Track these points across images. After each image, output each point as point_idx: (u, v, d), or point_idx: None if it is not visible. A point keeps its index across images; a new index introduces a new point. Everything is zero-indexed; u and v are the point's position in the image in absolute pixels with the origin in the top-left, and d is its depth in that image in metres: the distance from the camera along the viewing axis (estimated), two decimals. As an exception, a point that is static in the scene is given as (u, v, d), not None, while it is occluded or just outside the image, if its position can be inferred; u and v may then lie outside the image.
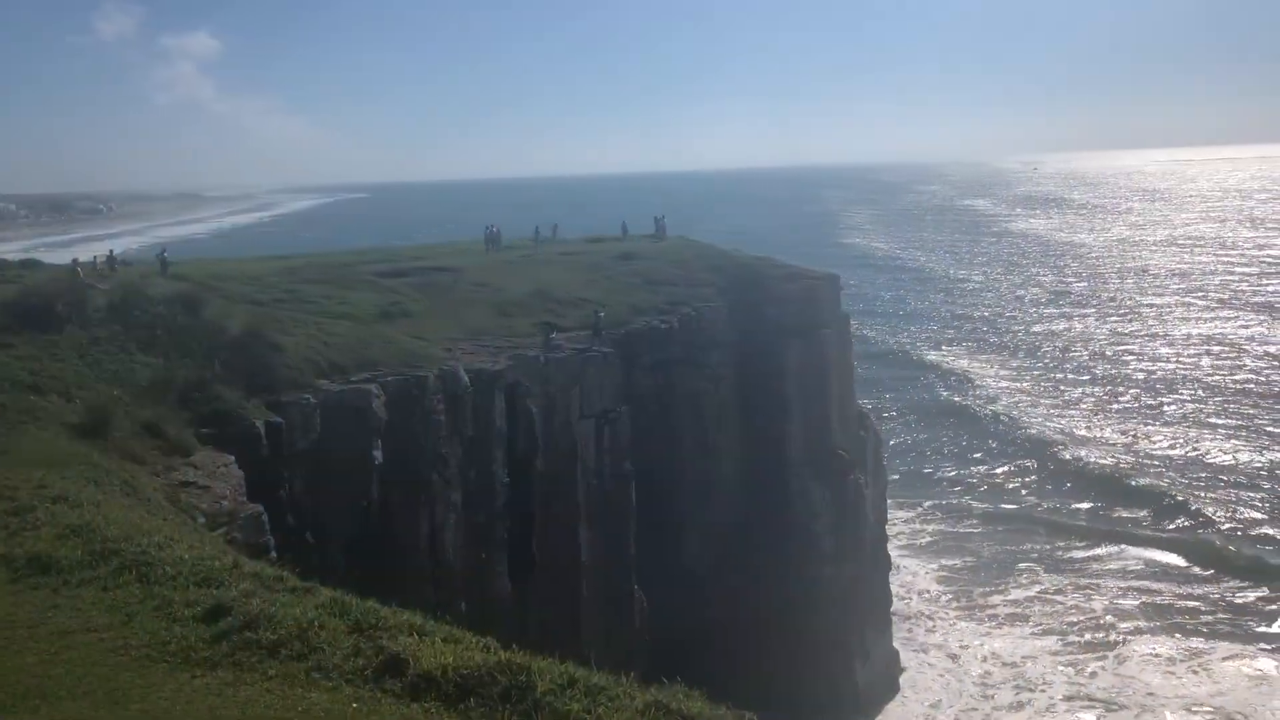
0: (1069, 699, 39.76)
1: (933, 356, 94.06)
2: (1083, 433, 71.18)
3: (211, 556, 13.19)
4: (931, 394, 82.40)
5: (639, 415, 35.85)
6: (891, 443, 67.70)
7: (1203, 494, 58.35)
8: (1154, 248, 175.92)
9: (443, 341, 31.66)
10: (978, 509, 59.59)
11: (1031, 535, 55.34)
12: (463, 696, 9.18)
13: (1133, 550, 52.70)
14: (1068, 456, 66.37)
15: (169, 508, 18.33)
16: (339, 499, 26.55)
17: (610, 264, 43.00)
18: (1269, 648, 42.50)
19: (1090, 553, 52.81)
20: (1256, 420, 70.70)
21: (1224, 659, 41.84)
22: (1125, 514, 56.98)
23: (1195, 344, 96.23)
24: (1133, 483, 60.83)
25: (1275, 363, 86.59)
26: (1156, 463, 64.03)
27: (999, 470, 65.36)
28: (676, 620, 36.84)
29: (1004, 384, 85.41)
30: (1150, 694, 39.68)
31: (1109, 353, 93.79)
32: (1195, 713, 38.31)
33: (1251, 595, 47.07)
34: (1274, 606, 45.87)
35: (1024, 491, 61.95)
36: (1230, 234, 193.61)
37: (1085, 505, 58.86)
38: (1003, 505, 59.93)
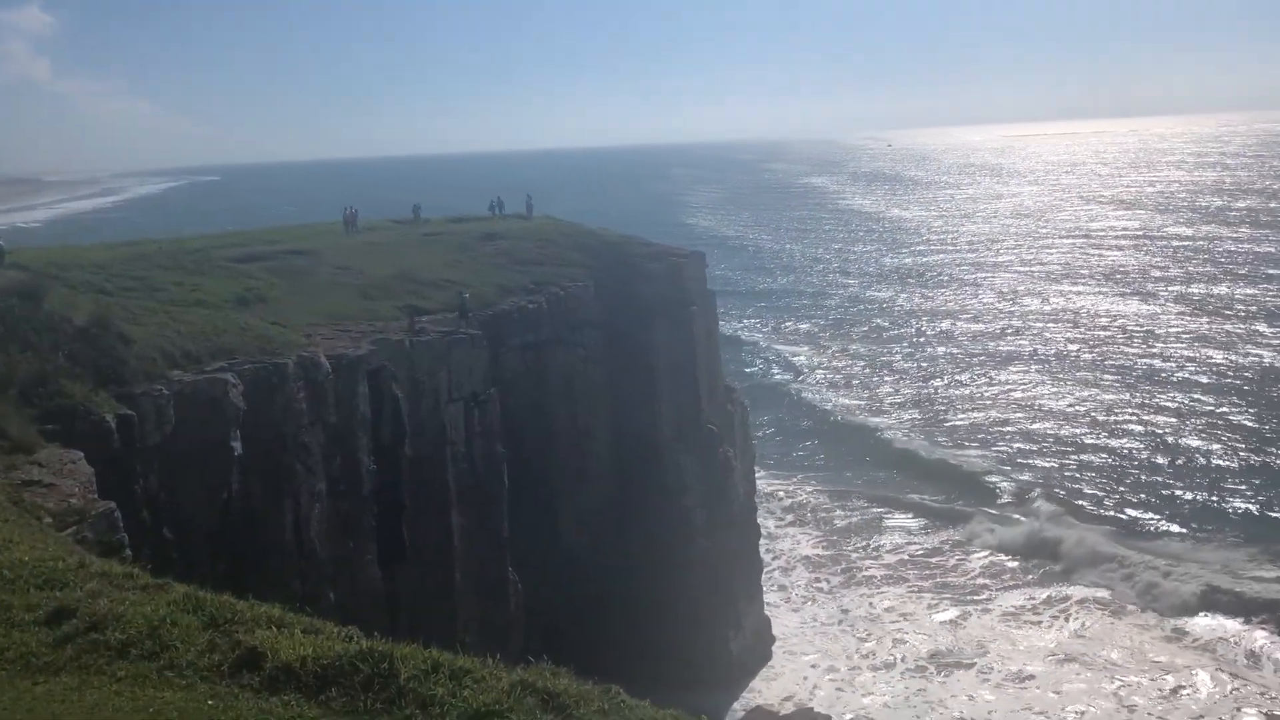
0: (934, 655, 41.26)
1: (761, 337, 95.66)
2: (912, 408, 73.88)
3: (55, 557, 12.59)
4: (765, 373, 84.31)
5: (509, 397, 35.64)
6: (765, 417, 69.35)
7: (1049, 462, 61.19)
8: (979, 220, 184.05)
9: (302, 327, 30.82)
10: (853, 479, 61.35)
11: (902, 505, 57.14)
12: (323, 687, 9.00)
13: (989, 516, 54.77)
14: (909, 429, 68.88)
15: (10, 509, 17.41)
16: (197, 492, 25.66)
17: (475, 244, 42.54)
18: (1105, 597, 44.94)
19: (956, 520, 54.74)
20: (1093, 388, 74.36)
21: (1069, 611, 44.07)
22: (984, 482, 59.27)
23: (1025, 314, 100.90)
24: (984, 451, 63.58)
25: (1105, 331, 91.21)
26: (997, 431, 67.01)
27: (855, 445, 67.33)
28: (553, 600, 36.91)
29: (842, 361, 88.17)
30: (1011, 644, 41.69)
31: (948, 328, 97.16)
32: (1047, 659, 40.39)
33: (1106, 549, 49.51)
34: (1113, 565, 48.19)
35: (894, 461, 63.99)
36: (1051, 205, 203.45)
37: (946, 475, 61.08)
38: (877, 474, 61.76)
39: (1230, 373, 73.98)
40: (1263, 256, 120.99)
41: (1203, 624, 42.19)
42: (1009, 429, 66.51)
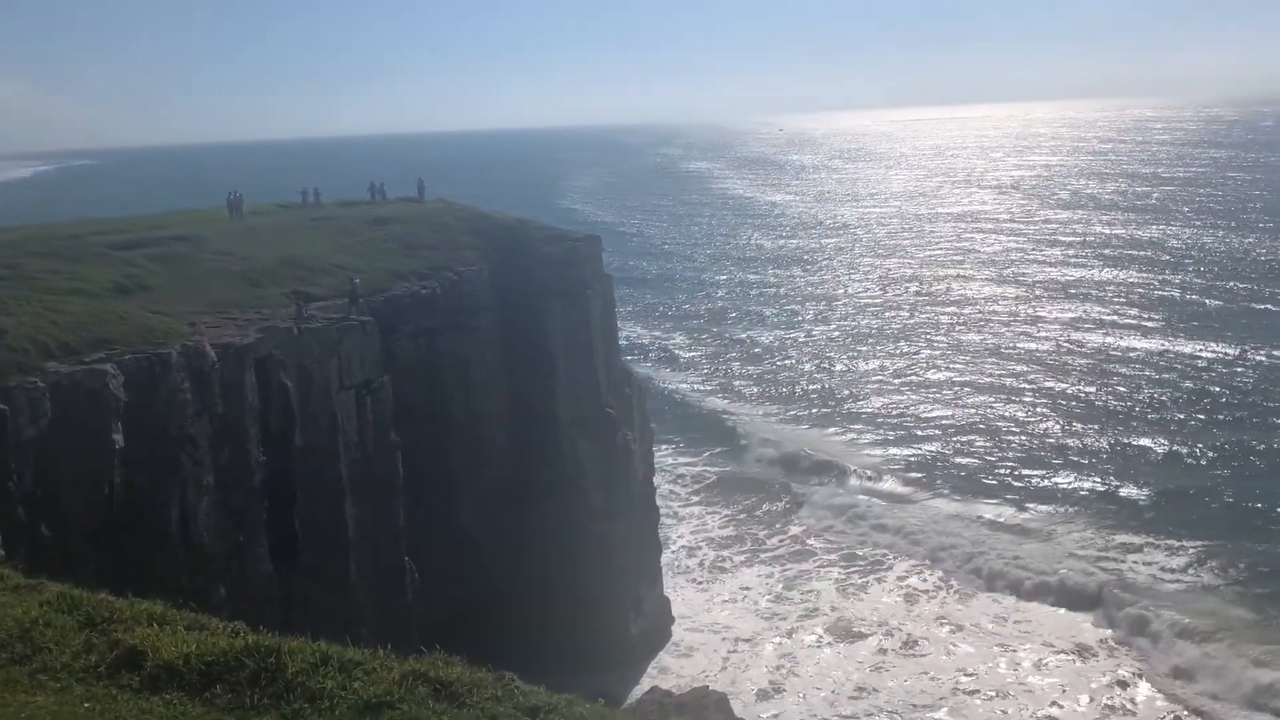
0: (831, 627, 42.15)
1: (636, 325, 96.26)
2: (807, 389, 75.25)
3: (-82, 560, 12.01)
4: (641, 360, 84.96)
5: (403, 384, 35.11)
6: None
7: (934, 443, 62.87)
8: (856, 204, 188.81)
9: (186, 316, 29.87)
10: (763, 454, 62.12)
11: (803, 484, 58.05)
12: (208, 684, 8.78)
13: (877, 494, 56.02)
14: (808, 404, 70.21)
15: None
16: (77, 488, 24.75)
17: (365, 228, 41.73)
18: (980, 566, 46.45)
19: (849, 497, 55.83)
20: (974, 369, 76.61)
21: (950, 585, 45.43)
22: (870, 462, 60.64)
23: (901, 297, 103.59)
24: (869, 432, 65.24)
25: (980, 313, 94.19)
26: (879, 412, 68.61)
27: (738, 428, 68.28)
28: (453, 588, 36.64)
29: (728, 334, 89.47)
30: (905, 613, 43.05)
31: (824, 312, 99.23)
32: (936, 625, 41.93)
33: (979, 526, 51.15)
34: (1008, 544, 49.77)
35: (797, 439, 64.99)
36: (929, 189, 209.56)
37: (840, 453, 62.33)
38: (772, 454, 62.56)
39: (1096, 355, 76.44)
40: (1129, 240, 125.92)
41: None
42: (890, 410, 68.11)
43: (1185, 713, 35.32)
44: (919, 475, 57.26)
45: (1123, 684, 37.01)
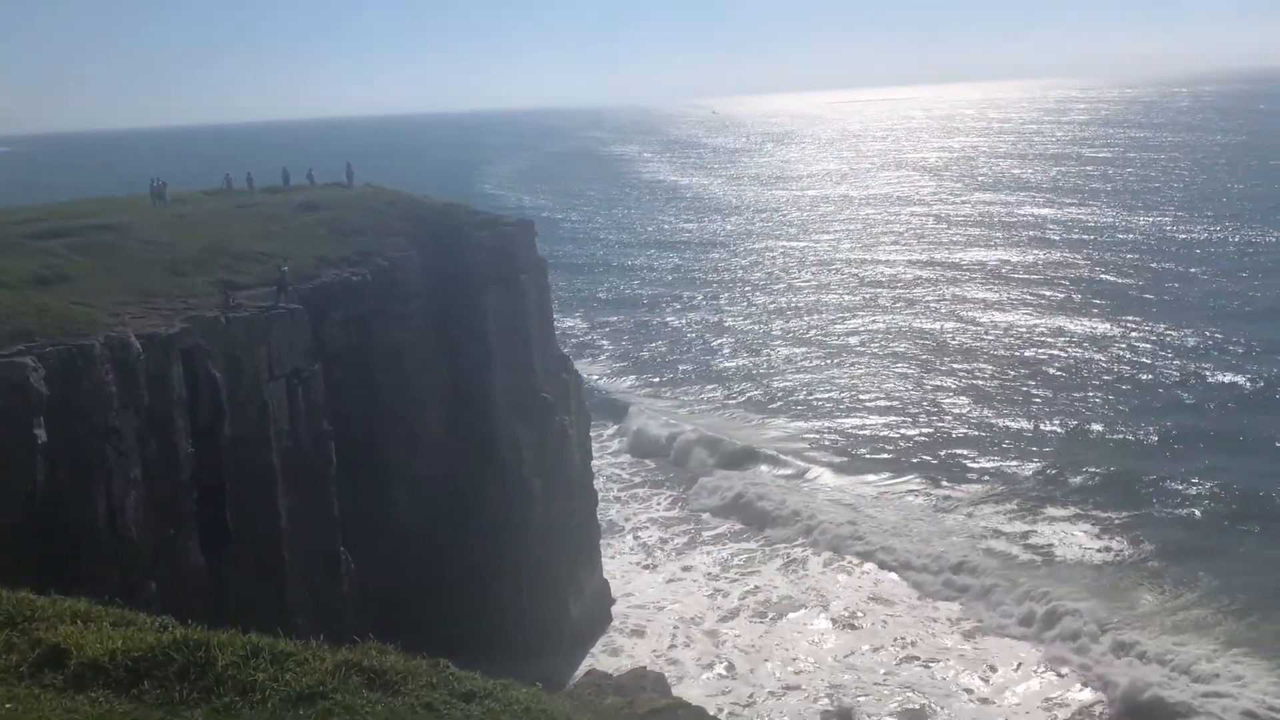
0: (771, 602, 42.64)
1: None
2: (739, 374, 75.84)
3: None
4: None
5: (335, 372, 34.66)
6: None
7: (848, 419, 64.07)
8: (771, 185, 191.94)
9: (109, 306, 29.19)
10: (697, 437, 62.38)
11: (744, 464, 58.53)
12: (135, 681, 8.64)
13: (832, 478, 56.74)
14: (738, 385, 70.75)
15: None
16: (-2, 485, 24.12)
17: (293, 214, 41.06)
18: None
19: (792, 476, 56.45)
20: (895, 347, 78.18)
21: (881, 559, 46.19)
22: (796, 440, 61.39)
23: (823, 278, 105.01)
24: (788, 412, 66.12)
25: (892, 289, 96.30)
26: (801, 393, 69.39)
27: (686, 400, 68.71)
28: (390, 577, 36.28)
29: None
30: (847, 590, 43.82)
31: (744, 295, 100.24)
32: (869, 600, 42.55)
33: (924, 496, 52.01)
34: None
35: (730, 416, 65.53)
36: (852, 171, 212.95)
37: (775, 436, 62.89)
38: (716, 434, 63.01)
39: (1014, 335, 77.90)
40: (1048, 220, 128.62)
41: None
42: (816, 391, 68.91)
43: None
44: (847, 456, 57.91)
45: (1057, 660, 37.72)
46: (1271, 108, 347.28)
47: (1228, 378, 64.11)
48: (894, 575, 44.70)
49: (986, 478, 53.44)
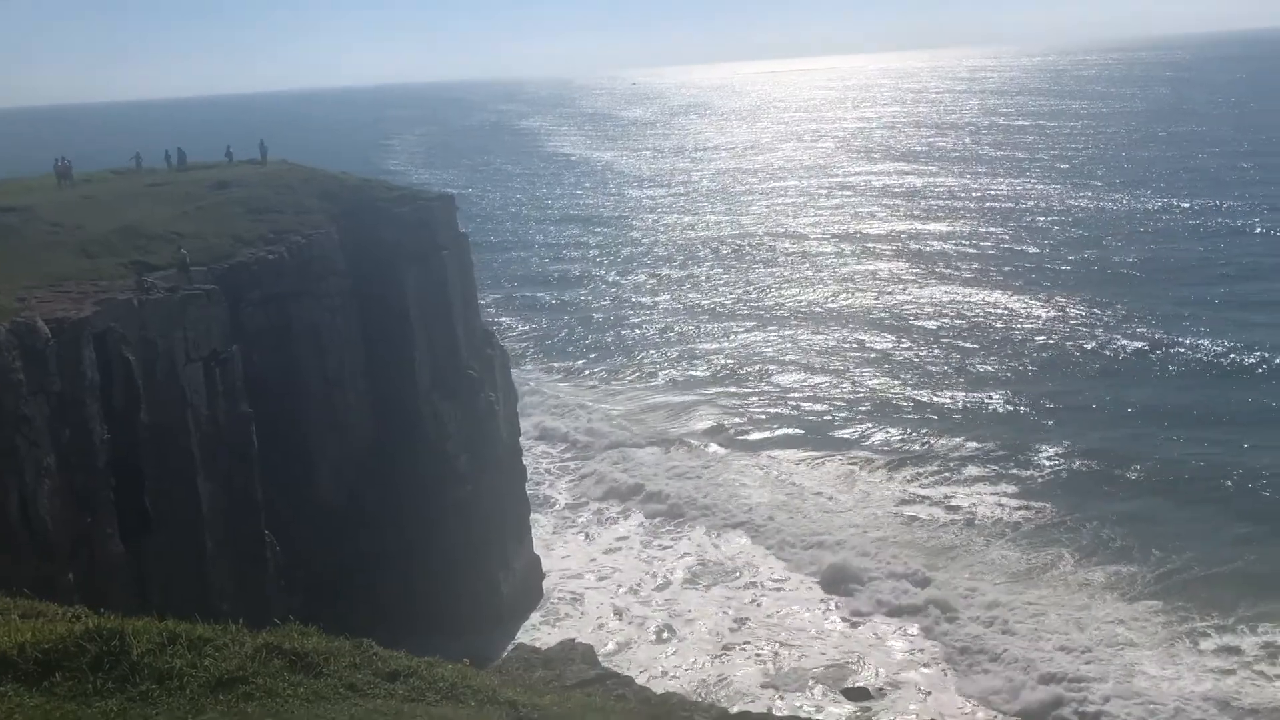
0: (696, 573, 43.01)
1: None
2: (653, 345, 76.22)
3: None
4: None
5: (253, 353, 34.07)
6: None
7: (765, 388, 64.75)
8: (678, 157, 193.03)
9: (15, 291, 28.33)
10: (618, 411, 62.76)
11: (663, 436, 58.82)
12: (46, 673, 8.43)
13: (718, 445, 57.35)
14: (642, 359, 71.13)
15: None
16: (-99, 478, 23.35)
17: (206, 193, 40.13)
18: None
19: (715, 448, 56.96)
20: (792, 320, 78.96)
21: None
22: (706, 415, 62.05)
23: (721, 248, 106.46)
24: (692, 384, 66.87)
25: (801, 263, 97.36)
26: (702, 365, 70.11)
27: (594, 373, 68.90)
28: (318, 559, 35.95)
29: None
30: (773, 557, 44.17)
31: (647, 268, 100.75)
32: (794, 569, 42.96)
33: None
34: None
35: (640, 390, 65.78)
36: (762, 142, 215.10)
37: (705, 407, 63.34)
38: (639, 406, 63.29)
39: (923, 307, 78.85)
40: (957, 190, 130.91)
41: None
42: (729, 366, 69.35)
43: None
44: (757, 431, 58.08)
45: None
46: (1178, 74, 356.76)
47: (1129, 346, 65.32)
48: (824, 540, 45.31)
49: (896, 448, 53.81)
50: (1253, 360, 60.68)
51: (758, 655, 36.91)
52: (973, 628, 37.03)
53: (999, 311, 75.52)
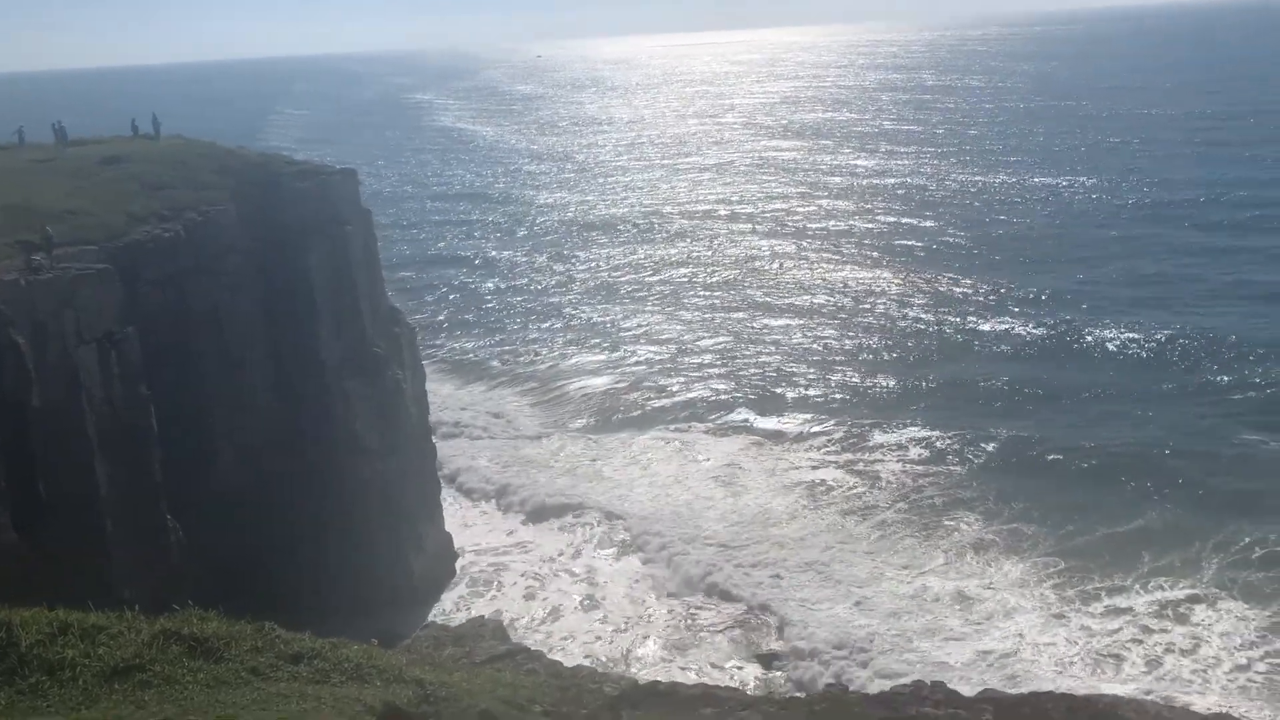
0: (614, 554, 43.24)
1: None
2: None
3: None
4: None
5: (151, 334, 33.09)
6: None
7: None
8: (562, 133, 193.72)
9: (-108, 272, 27.14)
10: (517, 388, 62.65)
11: (563, 411, 59.03)
12: (-71, 668, 8.15)
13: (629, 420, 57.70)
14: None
15: None
16: None
17: (97, 169, 38.78)
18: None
19: (615, 423, 57.26)
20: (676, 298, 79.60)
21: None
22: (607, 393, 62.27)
23: (596, 227, 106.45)
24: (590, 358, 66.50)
25: (682, 240, 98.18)
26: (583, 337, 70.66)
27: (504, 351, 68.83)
28: (225, 542, 35.19)
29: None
30: (682, 521, 44.29)
31: (532, 247, 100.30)
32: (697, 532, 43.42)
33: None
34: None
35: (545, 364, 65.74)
36: (656, 117, 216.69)
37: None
38: (538, 382, 63.21)
39: (811, 287, 79.30)
40: (842, 167, 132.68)
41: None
42: (615, 341, 69.73)
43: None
44: (649, 412, 57.97)
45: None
46: (1067, 50, 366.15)
47: (1001, 325, 66.08)
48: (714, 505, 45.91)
49: (790, 427, 53.98)
50: (1151, 337, 61.92)
51: (669, 625, 37.27)
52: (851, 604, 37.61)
53: (892, 290, 75.92)
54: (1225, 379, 54.82)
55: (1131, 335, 62.37)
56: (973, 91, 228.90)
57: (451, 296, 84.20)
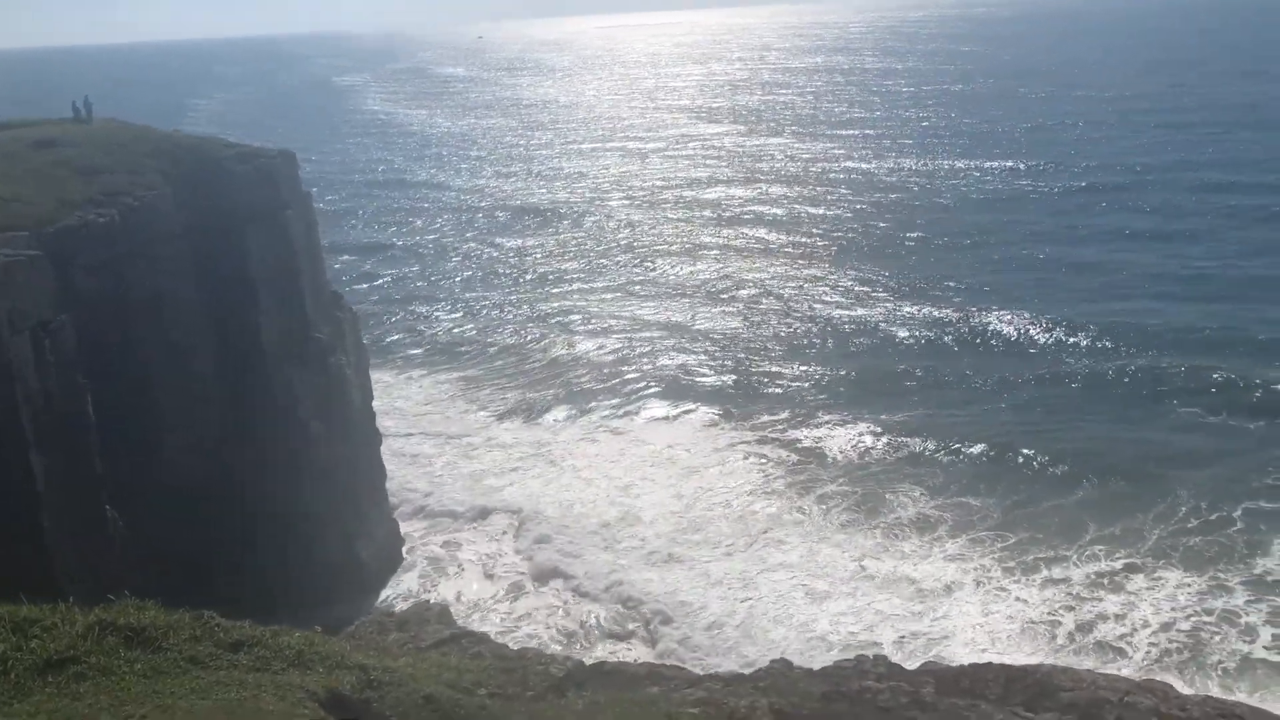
0: (525, 518, 43.39)
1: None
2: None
3: None
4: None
5: (89, 322, 32.48)
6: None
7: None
8: (487, 115, 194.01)
9: None
10: (463, 378, 62.31)
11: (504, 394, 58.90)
12: None
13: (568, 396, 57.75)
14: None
15: None
16: None
17: (27, 153, 37.83)
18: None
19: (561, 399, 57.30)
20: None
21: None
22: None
23: (514, 212, 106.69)
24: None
25: (607, 223, 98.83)
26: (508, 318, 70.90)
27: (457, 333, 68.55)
28: (169, 534, 34.73)
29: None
30: (621, 497, 44.40)
31: (458, 231, 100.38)
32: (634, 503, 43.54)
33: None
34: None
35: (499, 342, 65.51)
36: (586, 99, 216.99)
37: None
38: (474, 371, 62.86)
39: (713, 272, 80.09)
40: (762, 151, 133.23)
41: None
42: (536, 324, 70.06)
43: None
44: (585, 395, 58.18)
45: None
46: (1010, 32, 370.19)
47: (937, 312, 66.33)
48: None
49: (712, 412, 54.23)
50: (1090, 320, 62.53)
51: (615, 606, 37.44)
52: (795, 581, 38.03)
53: (828, 276, 76.08)
54: (1164, 360, 55.91)
55: (1070, 319, 63.26)
56: (913, 74, 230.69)
57: (378, 284, 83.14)
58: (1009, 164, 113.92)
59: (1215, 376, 52.47)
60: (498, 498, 46.52)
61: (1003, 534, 39.84)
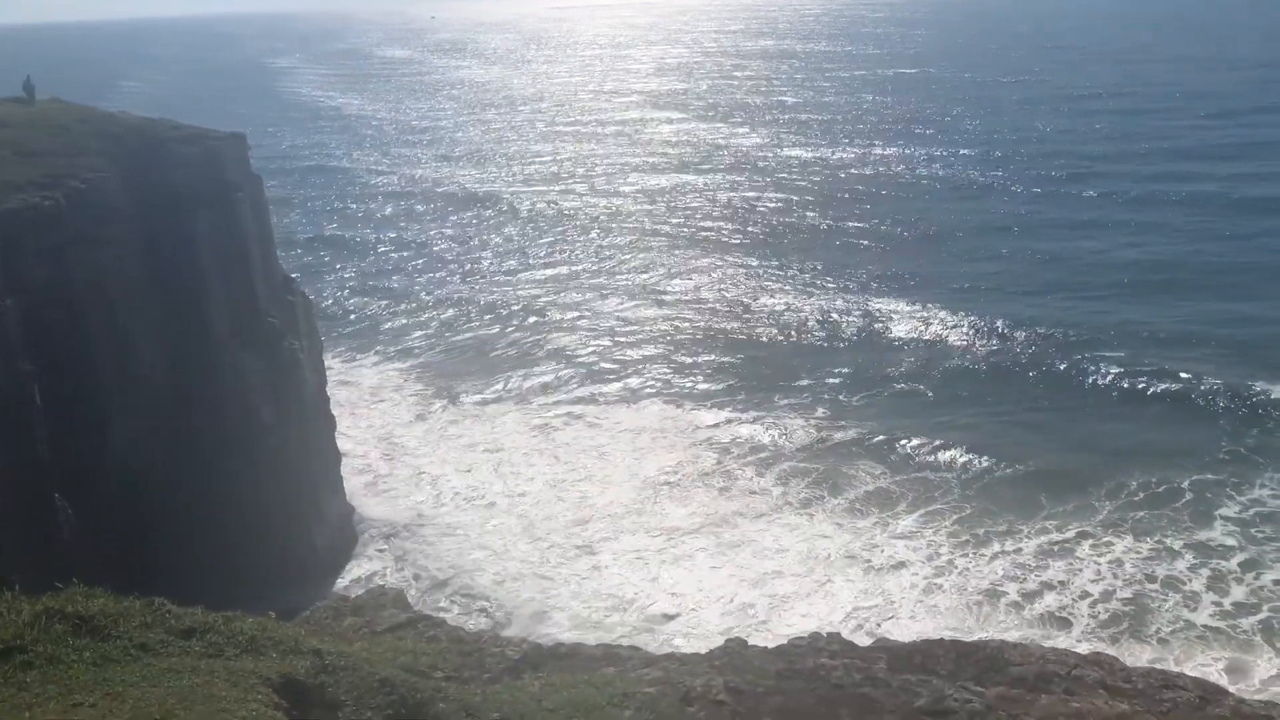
0: (523, 524, 43.23)
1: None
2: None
3: None
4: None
5: (33, 308, 31.95)
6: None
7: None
8: (425, 99, 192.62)
9: None
10: (410, 358, 62.01)
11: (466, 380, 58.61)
12: None
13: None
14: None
15: None
16: None
17: (-34, 136, 37.06)
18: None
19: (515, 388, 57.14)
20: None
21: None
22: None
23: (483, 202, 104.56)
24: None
25: (552, 213, 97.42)
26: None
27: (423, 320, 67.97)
28: (120, 521, 34.33)
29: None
30: (573, 480, 44.48)
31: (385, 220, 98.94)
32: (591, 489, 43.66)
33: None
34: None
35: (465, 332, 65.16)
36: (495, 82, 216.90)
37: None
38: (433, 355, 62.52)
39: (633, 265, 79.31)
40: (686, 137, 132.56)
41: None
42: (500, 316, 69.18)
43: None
44: (531, 384, 57.51)
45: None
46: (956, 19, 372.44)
47: (901, 304, 66.14)
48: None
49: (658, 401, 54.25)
50: (1044, 307, 63.49)
51: (572, 588, 37.53)
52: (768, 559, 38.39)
53: (768, 266, 76.05)
54: (1121, 347, 56.75)
55: (1026, 307, 63.96)
56: (867, 59, 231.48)
57: (312, 276, 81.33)
58: (964, 151, 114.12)
59: (1173, 364, 53.30)
60: (446, 485, 46.30)
61: (960, 508, 40.69)
